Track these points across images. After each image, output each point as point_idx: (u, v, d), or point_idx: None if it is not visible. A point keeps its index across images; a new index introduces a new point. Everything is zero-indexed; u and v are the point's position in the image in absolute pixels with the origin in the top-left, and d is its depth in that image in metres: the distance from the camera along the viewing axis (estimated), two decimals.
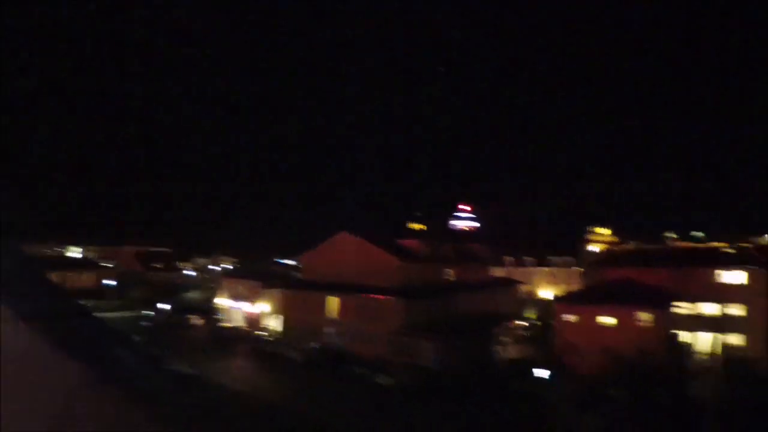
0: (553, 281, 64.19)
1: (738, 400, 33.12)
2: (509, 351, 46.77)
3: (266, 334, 55.23)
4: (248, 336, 55.41)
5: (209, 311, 64.16)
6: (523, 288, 64.35)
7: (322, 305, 50.23)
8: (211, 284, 79.66)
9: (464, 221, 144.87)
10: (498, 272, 68.88)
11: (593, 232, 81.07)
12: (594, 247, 77.03)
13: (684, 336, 45.65)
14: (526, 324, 56.01)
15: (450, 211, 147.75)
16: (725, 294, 47.10)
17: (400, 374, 40.74)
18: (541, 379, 38.03)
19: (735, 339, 45.44)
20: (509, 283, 64.36)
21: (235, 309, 61.72)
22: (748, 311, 45.69)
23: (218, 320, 62.48)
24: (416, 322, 44.78)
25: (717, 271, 48.49)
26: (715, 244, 64.03)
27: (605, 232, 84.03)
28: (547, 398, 35.28)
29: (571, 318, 45.38)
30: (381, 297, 46.33)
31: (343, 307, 48.85)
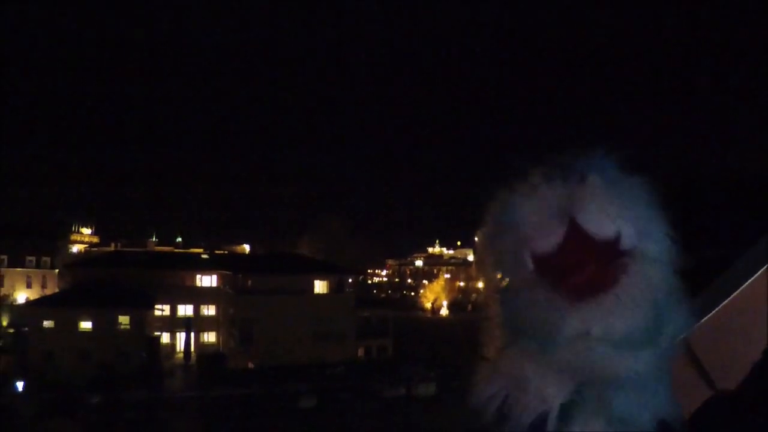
0: (27, 283, 58.32)
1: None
2: None
3: None
4: None
5: None
6: None
7: None
8: None
9: None
10: None
11: (73, 231, 77.03)
12: (74, 248, 73.35)
13: (165, 337, 47.81)
14: None
15: None
16: (199, 296, 51.51)
17: None
18: (15, 391, 35.70)
19: (209, 337, 50.07)
20: None
21: None
22: (217, 311, 51.04)
23: None
24: None
25: (192, 274, 52.69)
26: (193, 250, 69.31)
27: (85, 231, 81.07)
28: (22, 411, 33.17)
29: (49, 323, 43.10)
30: None
31: None
